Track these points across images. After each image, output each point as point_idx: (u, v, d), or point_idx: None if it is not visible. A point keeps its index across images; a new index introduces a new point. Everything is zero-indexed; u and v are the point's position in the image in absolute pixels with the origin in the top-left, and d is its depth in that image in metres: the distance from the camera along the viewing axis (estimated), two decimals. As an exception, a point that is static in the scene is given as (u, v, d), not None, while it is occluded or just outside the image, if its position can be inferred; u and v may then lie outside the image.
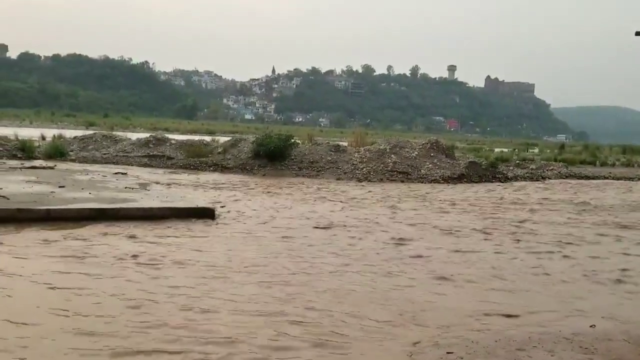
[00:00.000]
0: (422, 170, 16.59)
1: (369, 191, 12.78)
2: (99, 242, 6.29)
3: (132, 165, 16.56)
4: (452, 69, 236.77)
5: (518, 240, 7.50)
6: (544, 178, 18.40)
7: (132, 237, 6.61)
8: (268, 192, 11.72)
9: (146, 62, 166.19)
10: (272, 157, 16.99)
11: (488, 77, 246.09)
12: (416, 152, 17.69)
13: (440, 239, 7.41)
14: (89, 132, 24.52)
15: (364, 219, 8.75)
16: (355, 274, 5.42)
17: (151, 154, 17.97)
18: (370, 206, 10.28)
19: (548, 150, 38.72)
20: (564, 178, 18.87)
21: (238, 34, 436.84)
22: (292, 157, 17.40)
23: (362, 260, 5.97)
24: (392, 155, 17.28)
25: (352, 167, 16.79)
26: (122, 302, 4.31)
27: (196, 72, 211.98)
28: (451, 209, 10.19)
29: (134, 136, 22.02)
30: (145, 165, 16.70)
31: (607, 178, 19.50)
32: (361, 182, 15.20)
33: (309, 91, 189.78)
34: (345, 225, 8.03)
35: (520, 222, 9.07)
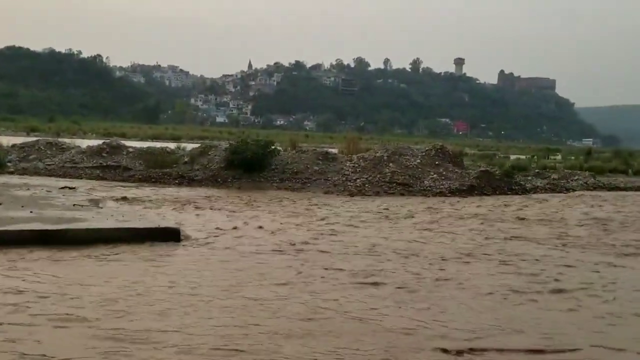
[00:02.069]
0: (426, 182, 16.68)
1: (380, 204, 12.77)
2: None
3: (81, 177, 16.50)
4: (459, 62, 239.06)
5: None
6: (567, 189, 18.59)
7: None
8: (243, 209, 11.69)
9: (99, 55, 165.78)
10: (249, 167, 17.00)
11: (502, 72, 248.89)
12: (418, 160, 17.80)
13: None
14: (31, 139, 24.38)
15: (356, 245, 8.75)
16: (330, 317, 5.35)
17: (105, 164, 17.93)
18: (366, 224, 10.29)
19: (572, 157, 39.22)
20: (591, 189, 19.06)
21: (207, 22, 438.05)
22: (273, 167, 17.43)
23: (330, 293, 5.81)
24: (391, 164, 17.36)
25: (344, 179, 16.84)
26: None
27: (158, 68, 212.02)
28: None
29: (84, 143, 21.91)
30: (97, 177, 16.66)
31: (640, 189, 19.75)
32: (354, 195, 15.24)
33: (292, 89, 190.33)
34: (326, 252, 8.02)
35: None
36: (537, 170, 23.48)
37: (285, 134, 61.25)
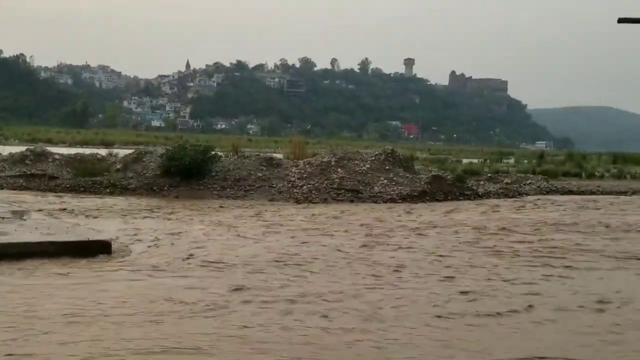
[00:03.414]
0: (376, 188, 16.84)
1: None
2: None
3: (3, 188, 16.14)
4: (409, 63, 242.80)
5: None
6: (520, 194, 19.05)
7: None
8: (180, 219, 11.60)
9: (21, 54, 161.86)
10: (187, 175, 16.84)
11: (453, 72, 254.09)
12: (368, 165, 17.95)
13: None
14: (-55, 145, 23.61)
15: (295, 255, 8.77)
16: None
17: (28, 172, 17.52)
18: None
19: (525, 161, 40.15)
20: (544, 194, 19.59)
21: (141, 18, 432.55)
22: (213, 174, 17.32)
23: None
24: (339, 170, 17.46)
25: (289, 185, 16.86)
26: None
27: (87, 68, 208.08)
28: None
29: (5, 150, 21.45)
30: (20, 187, 16.28)
31: (594, 193, 20.38)
32: (300, 203, 15.31)
33: (233, 91, 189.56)
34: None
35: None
36: (489, 175, 23.97)
37: (227, 139, 60.71)
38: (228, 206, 14.12)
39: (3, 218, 9.79)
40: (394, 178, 17.58)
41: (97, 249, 7.98)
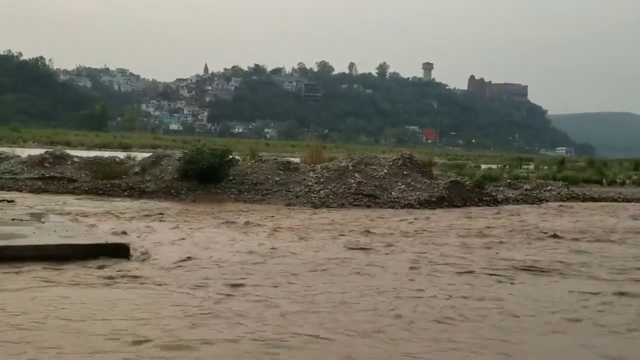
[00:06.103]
0: (393, 193, 16.79)
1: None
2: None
3: (21, 190, 16.27)
4: (428, 67, 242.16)
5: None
6: (540, 200, 18.91)
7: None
8: (198, 224, 11.61)
9: (41, 57, 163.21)
10: (205, 178, 16.90)
11: (472, 77, 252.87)
12: (385, 170, 17.91)
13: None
14: (-35, 147, 23.85)
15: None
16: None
17: (47, 175, 17.69)
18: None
19: (545, 167, 39.88)
20: (564, 200, 19.42)
21: (160, 22, 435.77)
22: (231, 178, 17.37)
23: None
24: (356, 174, 17.43)
25: (307, 190, 16.86)
26: None
27: (106, 71, 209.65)
28: None
29: (24, 152, 21.63)
30: (39, 190, 16.41)
31: (616, 200, 20.17)
32: (317, 208, 15.29)
33: (251, 95, 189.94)
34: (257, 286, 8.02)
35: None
36: (509, 181, 23.82)
37: (244, 143, 61.10)
38: (251, 210, 14.13)
39: (22, 220, 9.86)
40: (412, 183, 17.51)
41: (115, 252, 8.01)
